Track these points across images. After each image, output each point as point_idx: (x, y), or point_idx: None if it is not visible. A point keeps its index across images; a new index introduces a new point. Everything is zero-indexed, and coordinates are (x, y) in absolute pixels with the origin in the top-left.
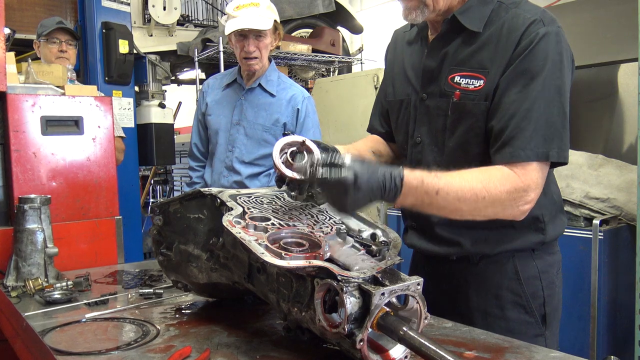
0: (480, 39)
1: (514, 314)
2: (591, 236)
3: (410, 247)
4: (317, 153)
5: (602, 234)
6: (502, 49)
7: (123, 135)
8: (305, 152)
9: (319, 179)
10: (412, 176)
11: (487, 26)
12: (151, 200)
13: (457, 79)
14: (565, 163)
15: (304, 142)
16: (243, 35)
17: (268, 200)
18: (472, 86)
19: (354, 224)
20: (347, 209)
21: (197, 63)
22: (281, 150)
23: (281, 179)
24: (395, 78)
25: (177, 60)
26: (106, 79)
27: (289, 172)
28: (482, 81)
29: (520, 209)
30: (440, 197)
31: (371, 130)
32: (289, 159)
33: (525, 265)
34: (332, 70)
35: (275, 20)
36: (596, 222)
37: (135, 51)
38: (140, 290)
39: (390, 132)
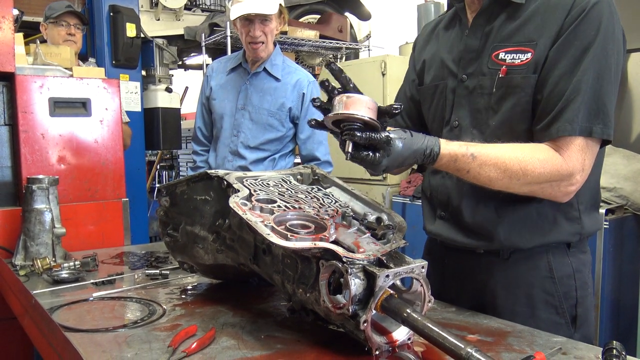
0: (526, 11)
1: (544, 314)
2: None
3: (435, 236)
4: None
5: (607, 223)
6: (550, 20)
7: (127, 119)
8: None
9: (354, 158)
10: (447, 155)
11: None
12: (157, 185)
13: (501, 55)
14: (609, 141)
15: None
16: (249, 20)
17: (274, 183)
18: (519, 60)
19: (359, 207)
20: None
21: (204, 48)
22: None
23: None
24: (429, 65)
25: (184, 44)
26: (113, 62)
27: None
28: (529, 54)
29: (563, 190)
30: (471, 175)
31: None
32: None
33: (560, 262)
34: (339, 56)
35: (280, 5)
36: (602, 211)
37: (142, 35)
38: (147, 271)
39: (410, 127)
